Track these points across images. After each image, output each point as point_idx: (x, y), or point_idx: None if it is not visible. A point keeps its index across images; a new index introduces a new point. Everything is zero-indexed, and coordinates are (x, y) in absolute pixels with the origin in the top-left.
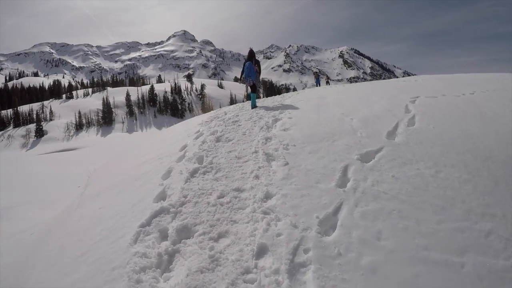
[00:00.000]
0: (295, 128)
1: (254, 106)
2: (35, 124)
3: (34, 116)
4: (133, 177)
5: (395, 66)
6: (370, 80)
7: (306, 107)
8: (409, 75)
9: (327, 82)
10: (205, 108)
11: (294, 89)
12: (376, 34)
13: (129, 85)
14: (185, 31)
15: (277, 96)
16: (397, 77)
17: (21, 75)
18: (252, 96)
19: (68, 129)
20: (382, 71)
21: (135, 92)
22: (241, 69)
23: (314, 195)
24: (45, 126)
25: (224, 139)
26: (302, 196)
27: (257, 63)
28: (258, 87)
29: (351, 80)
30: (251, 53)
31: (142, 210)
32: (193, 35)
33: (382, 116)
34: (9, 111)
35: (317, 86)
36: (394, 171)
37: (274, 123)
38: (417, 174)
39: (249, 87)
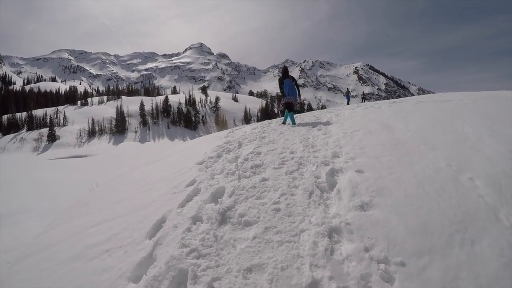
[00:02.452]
0: (382, 204)
1: (293, 123)
2: (48, 128)
3: (48, 120)
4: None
5: (409, 83)
6: (385, 96)
7: (375, 146)
8: (424, 92)
9: (363, 99)
10: (219, 121)
11: (309, 105)
12: (391, 50)
13: (144, 95)
14: (201, 43)
15: (307, 112)
16: (412, 94)
17: (39, 79)
18: (290, 115)
19: (80, 135)
20: (397, 87)
21: (150, 102)
22: (279, 86)
23: None
24: (58, 131)
25: (235, 220)
26: None
27: (294, 80)
28: (296, 106)
29: (365, 97)
30: (286, 70)
31: None
32: (209, 48)
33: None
34: (24, 114)
35: (348, 103)
36: None
37: (331, 180)
38: None
39: (285, 105)
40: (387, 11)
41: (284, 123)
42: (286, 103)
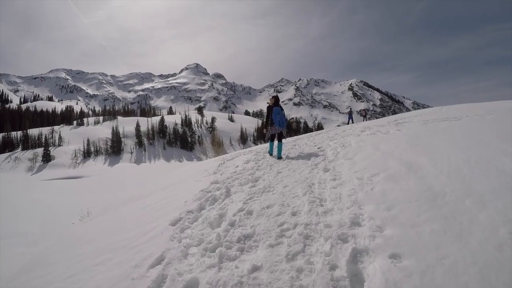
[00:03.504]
0: None
1: (279, 157)
2: (43, 148)
3: (43, 140)
4: None
5: (404, 97)
6: (380, 112)
7: (407, 204)
8: (419, 106)
9: (364, 117)
10: (215, 142)
11: (305, 123)
12: (384, 66)
13: (140, 115)
14: (197, 64)
15: (305, 135)
16: (407, 108)
17: (35, 98)
18: (279, 145)
19: (75, 156)
20: (391, 102)
21: (145, 123)
22: (266, 114)
23: None
24: (53, 151)
25: None
26: None
27: (283, 110)
28: (285, 135)
29: (361, 113)
30: (277, 99)
31: None
32: (205, 68)
33: None
34: (19, 133)
35: (348, 123)
36: None
37: (355, 272)
38: None
39: (271, 135)
40: (379, 27)
41: (271, 154)
42: (273, 134)
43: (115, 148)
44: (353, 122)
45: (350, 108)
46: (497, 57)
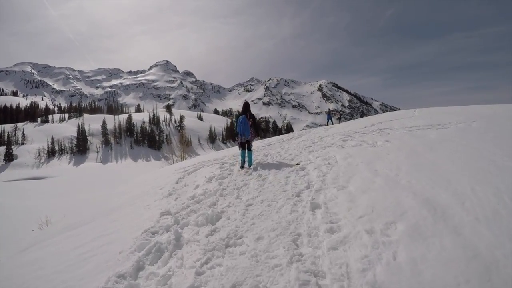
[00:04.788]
0: None
1: (250, 165)
2: (5, 147)
3: (6, 138)
4: None
5: (372, 99)
6: (349, 113)
7: None
8: (387, 107)
9: (339, 119)
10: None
11: (274, 123)
12: (354, 68)
13: (107, 113)
14: (167, 61)
15: (275, 138)
16: (375, 110)
17: (0, 93)
18: (248, 154)
19: (39, 155)
20: (360, 103)
21: (112, 121)
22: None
23: None
24: (16, 150)
25: None
26: None
27: (252, 117)
28: (251, 145)
29: (336, 114)
30: (246, 106)
31: None
32: (175, 66)
33: None
34: None
35: (327, 124)
36: None
37: None
38: None
39: (241, 143)
40: (349, 30)
41: (242, 166)
42: (242, 143)
43: (80, 147)
44: (333, 123)
45: (329, 109)
46: (461, 63)
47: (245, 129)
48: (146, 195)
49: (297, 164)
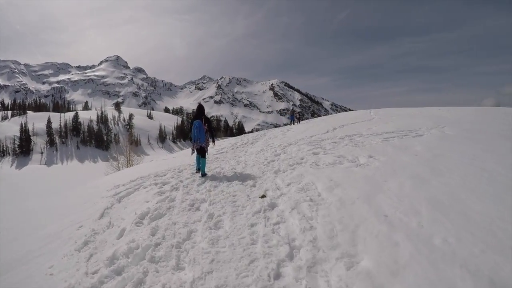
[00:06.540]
0: None
1: (203, 174)
2: None
3: None
4: None
5: (323, 98)
6: (300, 112)
7: None
8: (337, 107)
9: (298, 120)
10: (132, 140)
11: (225, 121)
12: (305, 68)
13: (53, 111)
14: (118, 56)
15: (228, 145)
16: (326, 109)
17: None
18: (202, 162)
19: None
20: (311, 103)
21: (58, 119)
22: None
23: None
24: None
25: None
26: None
27: (208, 121)
28: (207, 151)
29: (281, 112)
30: (200, 110)
31: None
32: (126, 61)
33: None
34: None
35: (291, 123)
36: None
37: None
38: None
39: (196, 150)
40: (302, 31)
41: (198, 170)
42: (196, 149)
43: (23, 148)
44: (298, 123)
45: (293, 109)
46: (409, 66)
47: (201, 135)
48: (58, 239)
49: (263, 196)
